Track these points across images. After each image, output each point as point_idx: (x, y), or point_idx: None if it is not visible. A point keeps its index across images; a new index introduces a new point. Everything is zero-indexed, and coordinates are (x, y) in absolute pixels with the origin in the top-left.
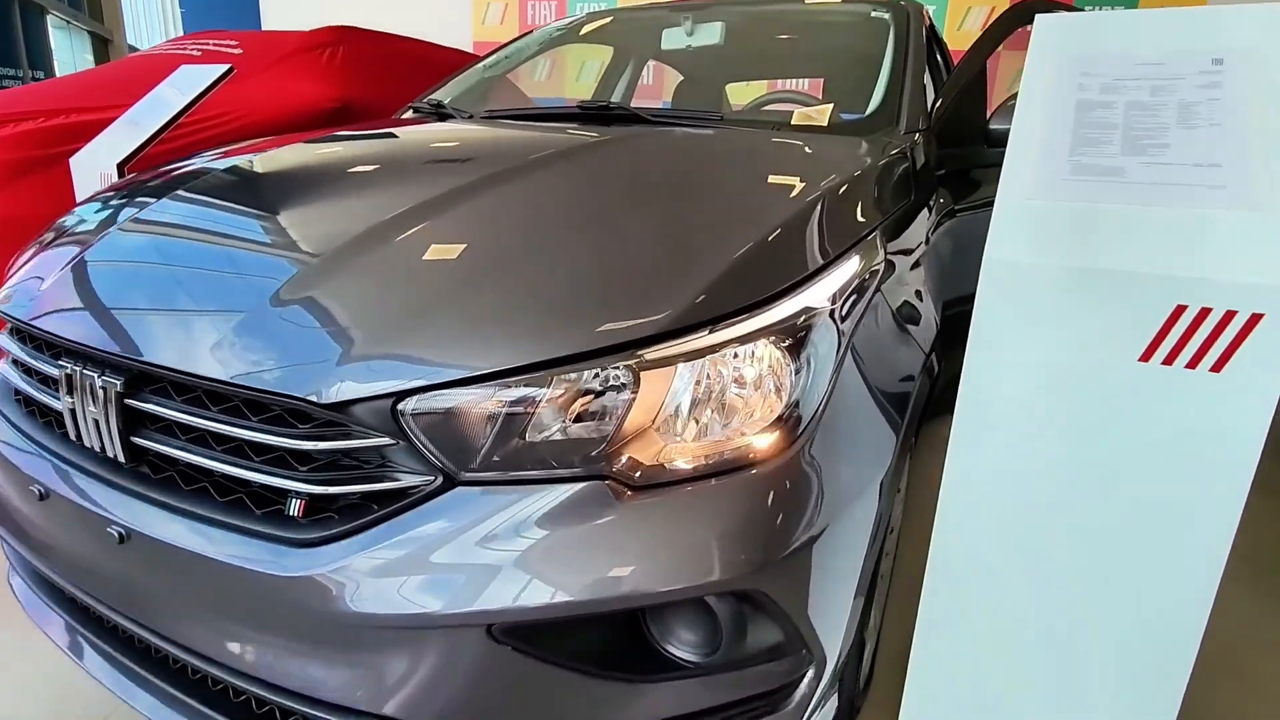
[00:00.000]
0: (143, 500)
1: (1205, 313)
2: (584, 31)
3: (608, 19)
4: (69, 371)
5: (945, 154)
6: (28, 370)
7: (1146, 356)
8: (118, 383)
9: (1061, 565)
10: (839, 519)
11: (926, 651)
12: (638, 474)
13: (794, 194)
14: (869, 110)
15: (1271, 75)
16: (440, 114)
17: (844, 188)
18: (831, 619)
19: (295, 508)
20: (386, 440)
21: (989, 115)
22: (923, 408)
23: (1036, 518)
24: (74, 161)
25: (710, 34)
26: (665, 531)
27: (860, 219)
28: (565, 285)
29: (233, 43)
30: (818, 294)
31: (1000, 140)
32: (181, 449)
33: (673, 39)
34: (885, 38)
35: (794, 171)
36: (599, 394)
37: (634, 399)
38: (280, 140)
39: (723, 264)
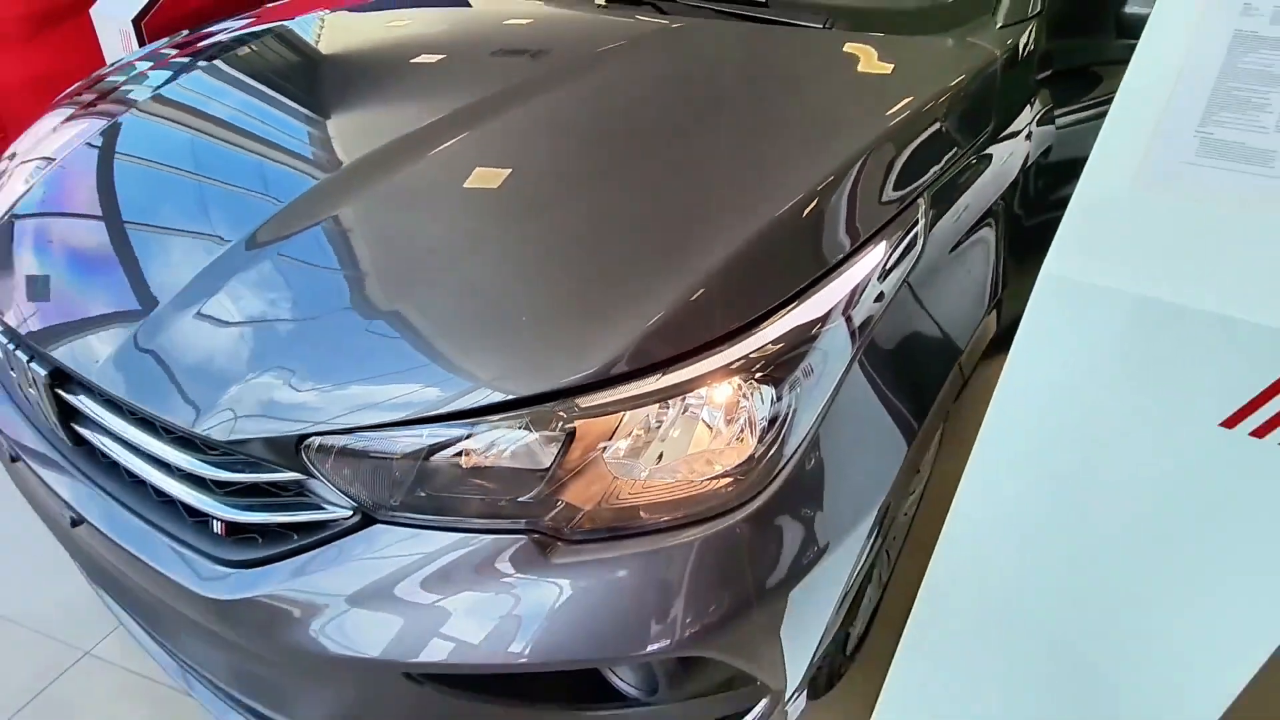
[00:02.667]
0: (91, 485)
1: None
2: None
3: None
4: (6, 348)
5: (1058, 46)
6: None
7: (1232, 423)
8: (43, 373)
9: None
10: (821, 561)
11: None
12: (569, 526)
13: (810, 164)
14: None
15: None
16: None
17: (882, 148)
18: (799, 646)
19: (218, 528)
20: (296, 473)
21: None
22: (959, 389)
23: (1052, 553)
24: (94, 13)
25: None
26: (596, 595)
27: (898, 185)
28: (497, 307)
29: None
30: (825, 300)
31: (1136, 29)
32: (111, 449)
33: None
34: None
35: (819, 122)
36: (529, 441)
37: (568, 447)
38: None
39: (693, 276)
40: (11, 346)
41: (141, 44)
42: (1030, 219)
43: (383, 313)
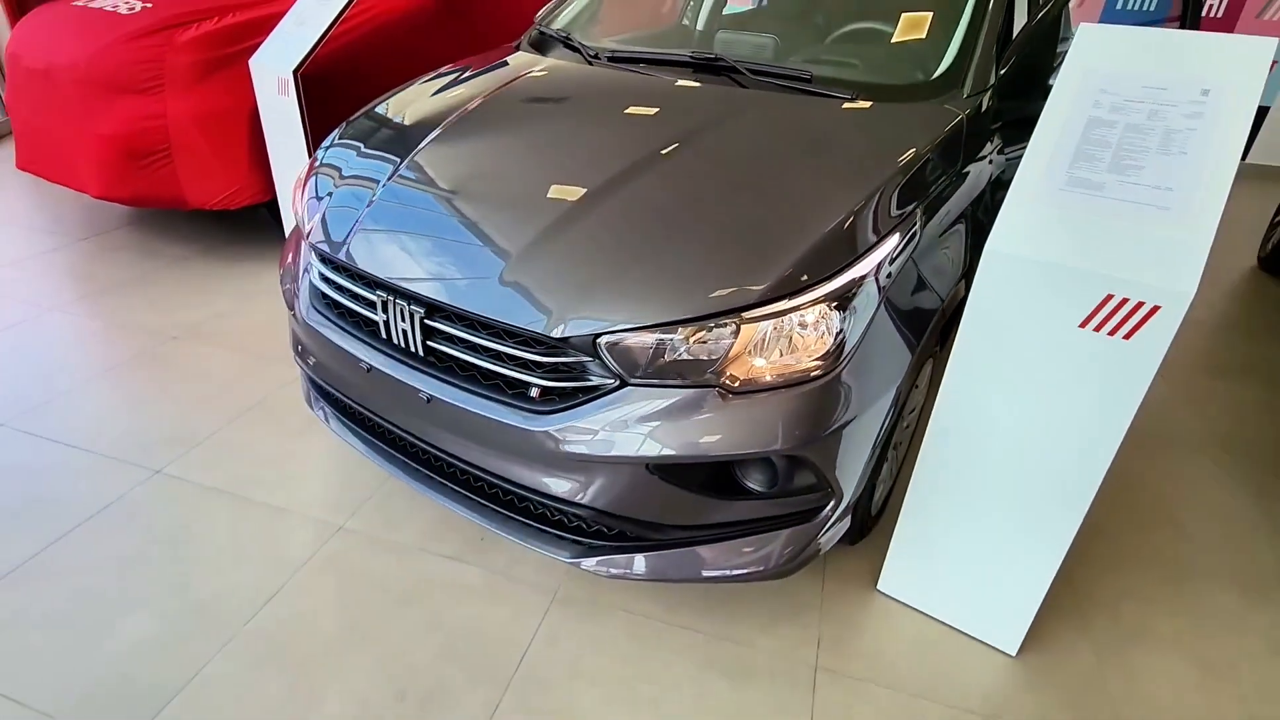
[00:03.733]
0: (437, 379)
1: (1125, 301)
2: None
3: None
4: (384, 299)
5: (1006, 106)
6: (338, 286)
7: (1084, 324)
8: (420, 311)
9: (1013, 440)
10: (862, 414)
11: (915, 498)
12: (734, 385)
13: (868, 184)
14: (937, 73)
15: (1240, 108)
16: (568, 44)
17: (904, 171)
18: (850, 472)
19: (535, 393)
20: (588, 358)
21: (1056, 66)
22: (945, 326)
23: (995, 415)
24: (253, 64)
25: None
26: (749, 419)
27: (909, 199)
28: (703, 260)
29: None
30: (864, 266)
31: None
32: (464, 354)
33: None
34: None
35: (873, 157)
36: (714, 339)
37: (734, 341)
38: (488, 91)
39: (799, 249)
40: (387, 296)
41: (299, 91)
42: (988, 220)
43: (643, 263)
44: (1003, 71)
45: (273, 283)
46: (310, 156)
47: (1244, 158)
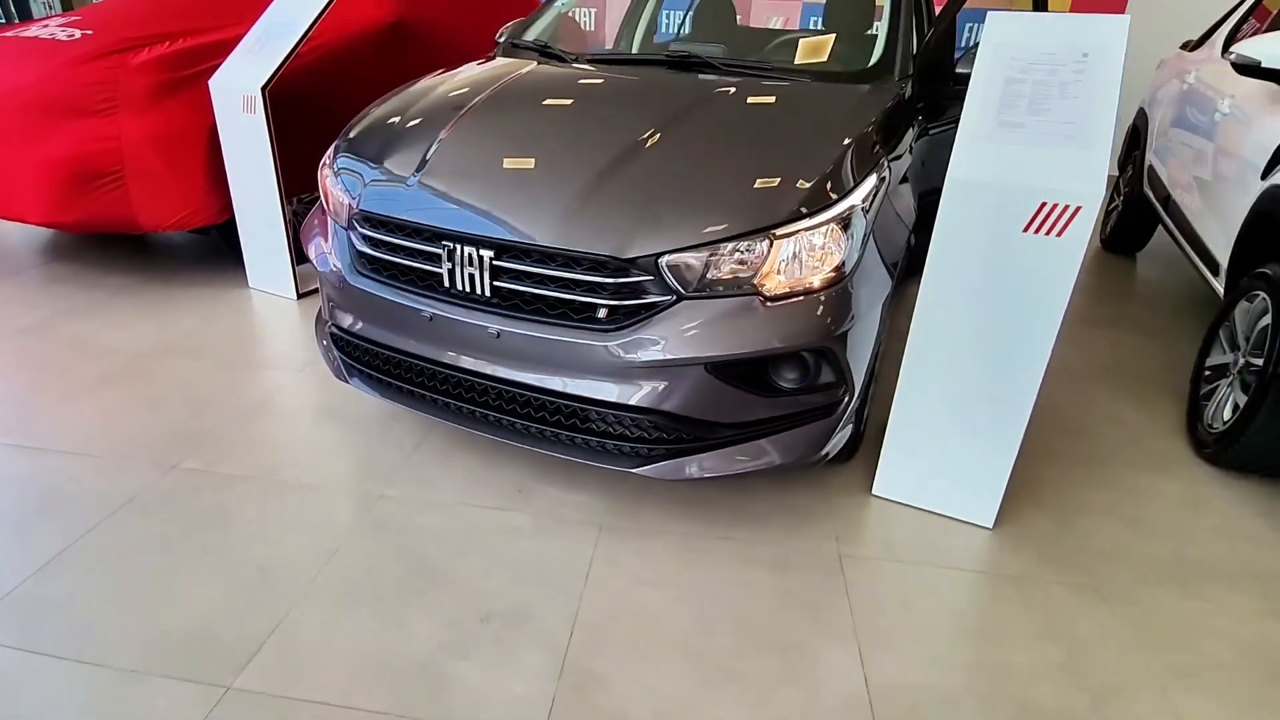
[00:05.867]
0: (503, 315)
1: (1055, 206)
2: None
3: None
4: (449, 249)
5: (921, 89)
6: (390, 246)
7: (1026, 229)
8: (490, 254)
9: (979, 336)
10: (863, 317)
11: (901, 405)
12: (769, 292)
13: (845, 135)
14: (872, 62)
15: (1111, 65)
16: (545, 53)
17: (869, 128)
18: (858, 370)
19: (603, 313)
20: (649, 277)
21: (956, 60)
22: (905, 266)
23: (964, 316)
24: (213, 84)
25: None
26: (785, 319)
27: (877, 149)
28: (736, 191)
29: None
30: (856, 197)
31: (961, 80)
32: (532, 287)
33: None
34: (882, 5)
35: (843, 117)
36: (752, 252)
37: (768, 255)
38: (506, 76)
39: (810, 180)
40: (453, 245)
41: (266, 108)
42: (924, 181)
43: (690, 195)
44: (919, 63)
45: (239, 302)
46: (278, 173)
47: None
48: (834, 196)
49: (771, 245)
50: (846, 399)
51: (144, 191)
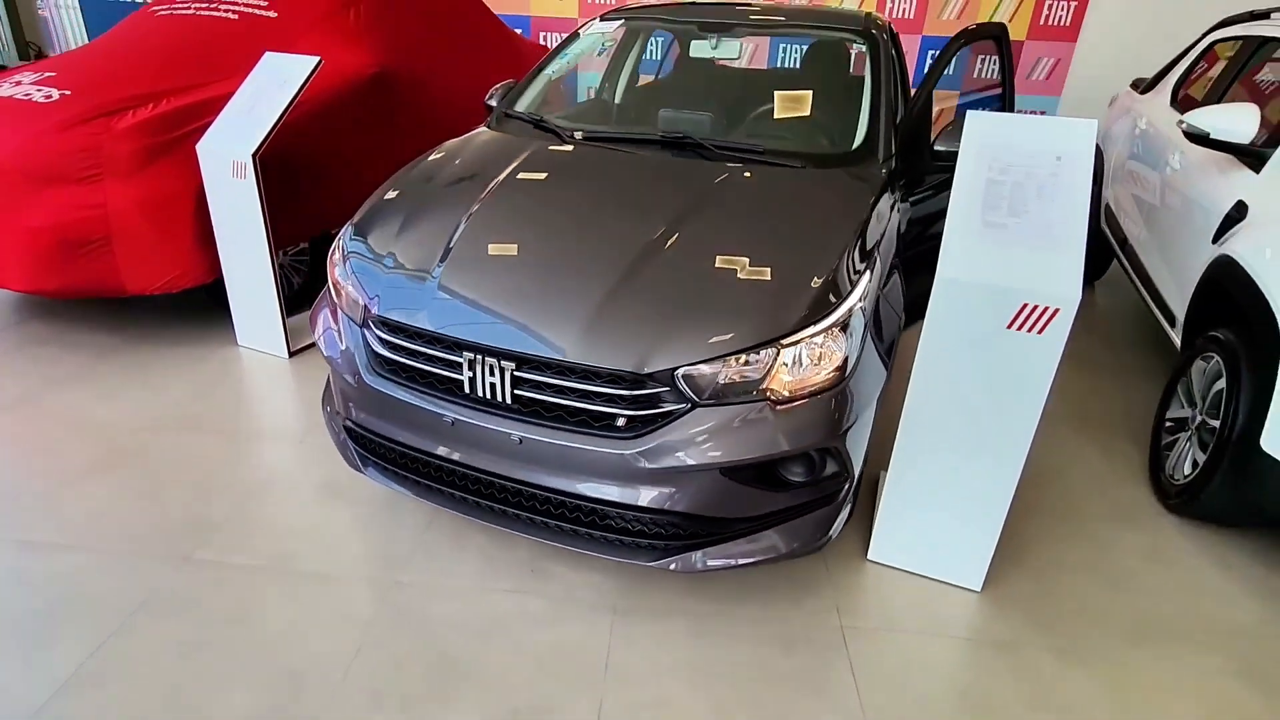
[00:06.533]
0: (524, 422)
1: (1036, 307)
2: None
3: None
4: (470, 359)
5: (904, 166)
6: (410, 351)
7: (1010, 325)
8: (511, 365)
9: (967, 418)
10: (861, 414)
11: (894, 479)
12: (776, 398)
13: (841, 237)
14: (856, 144)
15: (1082, 169)
16: (540, 126)
17: (862, 224)
18: (857, 457)
19: (621, 421)
20: (666, 389)
21: (934, 137)
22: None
23: (954, 402)
24: (201, 149)
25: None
26: (793, 423)
27: (870, 248)
28: (748, 300)
29: (262, 1)
30: (855, 298)
31: (940, 156)
32: (552, 397)
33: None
34: (863, 81)
35: (837, 213)
36: (760, 360)
37: (774, 362)
38: (506, 169)
39: (813, 288)
40: (474, 355)
41: (257, 174)
42: (909, 258)
43: (699, 309)
44: (900, 138)
45: (229, 362)
46: (269, 234)
47: None
48: (834, 301)
49: (778, 354)
50: (848, 486)
51: (131, 256)
